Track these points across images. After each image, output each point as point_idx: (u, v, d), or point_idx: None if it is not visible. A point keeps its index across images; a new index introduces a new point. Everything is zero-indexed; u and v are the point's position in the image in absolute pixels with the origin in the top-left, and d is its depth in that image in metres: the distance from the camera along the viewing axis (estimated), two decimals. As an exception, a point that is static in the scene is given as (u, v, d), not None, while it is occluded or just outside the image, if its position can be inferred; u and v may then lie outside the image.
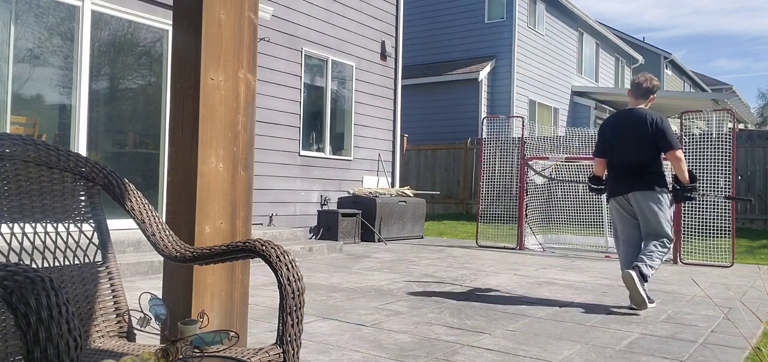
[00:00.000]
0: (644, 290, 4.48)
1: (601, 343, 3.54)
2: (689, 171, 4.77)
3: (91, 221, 1.77)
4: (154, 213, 1.76)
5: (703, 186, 8.65)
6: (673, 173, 4.80)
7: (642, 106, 4.82)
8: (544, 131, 18.18)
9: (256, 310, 4.20)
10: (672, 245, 4.88)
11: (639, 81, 4.86)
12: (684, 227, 8.18)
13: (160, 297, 1.87)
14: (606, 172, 4.99)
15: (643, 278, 4.46)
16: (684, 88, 33.31)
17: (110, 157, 7.01)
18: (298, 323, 1.48)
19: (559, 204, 10.20)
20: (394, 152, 11.44)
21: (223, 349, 1.44)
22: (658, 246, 4.60)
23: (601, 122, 20.44)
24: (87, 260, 1.73)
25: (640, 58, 26.03)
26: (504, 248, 9.20)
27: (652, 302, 4.69)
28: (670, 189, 4.77)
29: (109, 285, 1.77)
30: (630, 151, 4.72)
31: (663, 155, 4.74)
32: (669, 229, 4.68)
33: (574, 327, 3.94)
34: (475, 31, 18.10)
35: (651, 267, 4.52)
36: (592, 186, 5.14)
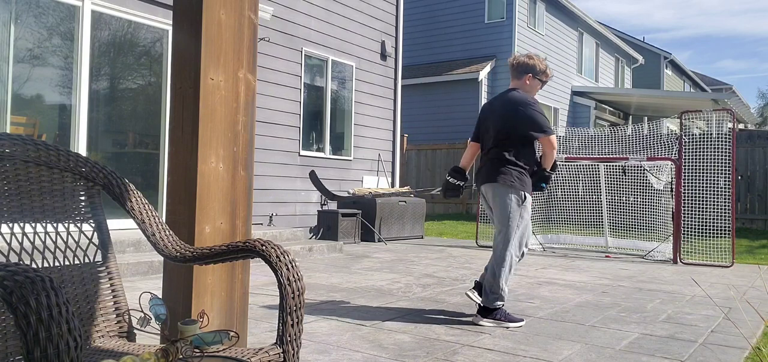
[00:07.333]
0: None
1: (601, 343, 3.54)
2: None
3: (91, 221, 1.77)
4: (154, 214, 1.76)
5: (703, 187, 8.66)
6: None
7: None
8: (544, 131, 18.14)
9: (256, 310, 4.19)
10: None
11: None
12: (684, 227, 8.18)
13: (160, 297, 1.87)
14: None
15: None
16: (684, 88, 33.30)
17: (110, 157, 7.01)
18: (298, 323, 1.48)
19: (559, 205, 10.19)
20: (394, 152, 11.44)
21: (223, 349, 1.44)
22: None
23: (600, 122, 20.46)
24: (87, 260, 1.73)
25: (640, 58, 26.00)
26: (504, 248, 9.17)
27: None
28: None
29: (109, 285, 1.77)
30: None
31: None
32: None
33: (574, 327, 3.93)
34: (475, 31, 18.10)
35: None
36: None
